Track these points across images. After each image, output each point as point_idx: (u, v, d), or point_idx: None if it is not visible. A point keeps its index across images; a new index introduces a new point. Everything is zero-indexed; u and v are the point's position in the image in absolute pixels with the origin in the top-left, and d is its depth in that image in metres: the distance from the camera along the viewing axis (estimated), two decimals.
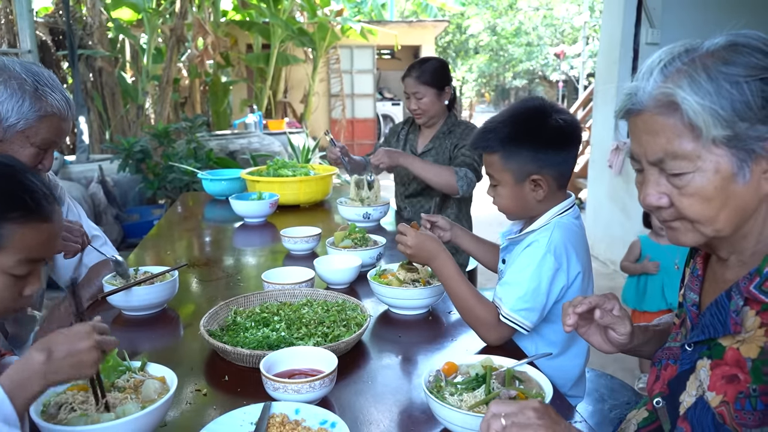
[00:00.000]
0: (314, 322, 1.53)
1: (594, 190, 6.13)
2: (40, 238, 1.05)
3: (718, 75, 0.89)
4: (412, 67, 2.88)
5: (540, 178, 1.54)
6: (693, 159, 0.92)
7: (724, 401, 0.94)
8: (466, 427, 1.07)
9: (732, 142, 0.90)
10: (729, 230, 0.96)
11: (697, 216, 0.95)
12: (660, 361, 1.14)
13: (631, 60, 5.39)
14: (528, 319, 1.47)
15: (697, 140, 0.91)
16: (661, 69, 0.94)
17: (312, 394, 1.19)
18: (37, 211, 1.03)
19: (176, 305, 1.82)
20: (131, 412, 1.04)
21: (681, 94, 0.90)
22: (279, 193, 2.98)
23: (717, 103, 0.88)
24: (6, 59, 1.60)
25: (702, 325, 1.02)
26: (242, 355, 1.36)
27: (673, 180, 0.95)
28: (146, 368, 1.21)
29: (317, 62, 11.82)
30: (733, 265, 1.03)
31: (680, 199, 0.95)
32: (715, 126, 0.89)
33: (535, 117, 1.55)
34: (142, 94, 8.59)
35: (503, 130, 1.55)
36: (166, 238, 2.73)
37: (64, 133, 1.68)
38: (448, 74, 2.89)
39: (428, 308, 1.74)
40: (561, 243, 1.52)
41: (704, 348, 1.02)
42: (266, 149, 7.29)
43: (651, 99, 0.94)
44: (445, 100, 2.88)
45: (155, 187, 5.86)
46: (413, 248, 1.61)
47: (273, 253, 2.43)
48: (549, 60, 17.80)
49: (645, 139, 0.97)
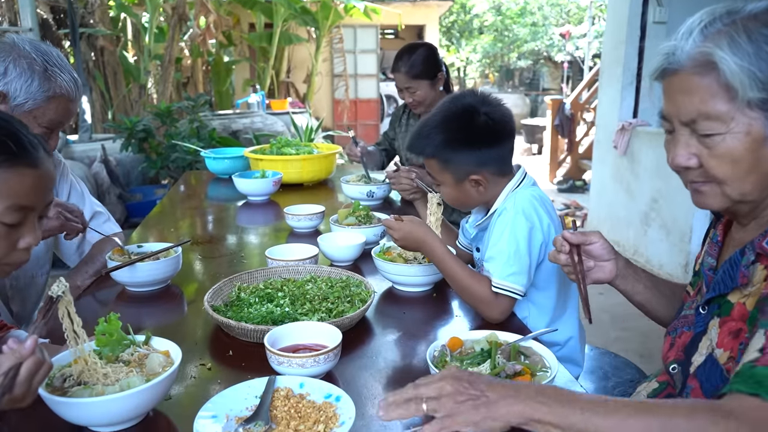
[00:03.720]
0: (318, 297, 1.52)
1: (598, 171, 6.09)
2: (27, 183, 1.02)
3: (759, 37, 0.89)
4: (400, 59, 2.75)
5: (479, 178, 1.59)
6: (726, 120, 0.92)
7: (731, 357, 0.95)
8: None
9: (766, 106, 0.90)
10: (756, 194, 0.97)
11: (725, 176, 0.96)
12: (675, 329, 1.14)
13: (638, 39, 5.33)
14: (518, 282, 1.49)
15: (731, 101, 0.91)
16: (701, 30, 0.94)
17: (316, 368, 1.19)
18: (22, 156, 1.01)
19: (180, 282, 1.82)
20: (136, 385, 1.04)
21: (719, 53, 0.91)
22: (282, 171, 2.96)
23: (755, 65, 0.89)
24: (16, 37, 1.58)
25: (714, 282, 1.03)
26: (246, 330, 1.36)
27: (704, 141, 0.96)
28: (150, 342, 1.20)
29: (320, 42, 11.71)
30: (752, 229, 1.03)
31: (709, 159, 0.96)
32: (751, 88, 0.89)
33: (465, 117, 1.58)
34: (144, 74, 8.53)
35: (436, 136, 1.59)
36: (169, 217, 2.72)
37: (72, 114, 1.67)
38: (438, 60, 2.79)
39: (433, 285, 1.73)
40: (528, 203, 1.56)
41: (715, 307, 1.02)
42: (269, 129, 7.26)
43: (689, 59, 0.94)
44: (440, 86, 2.81)
45: (158, 166, 5.85)
46: (400, 239, 1.62)
47: (276, 231, 2.43)
48: (554, 40, 17.62)
49: (679, 99, 0.97)
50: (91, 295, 1.75)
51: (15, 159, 1.00)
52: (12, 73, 1.51)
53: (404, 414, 0.88)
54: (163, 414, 1.13)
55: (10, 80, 1.51)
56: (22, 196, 1.02)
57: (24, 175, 1.02)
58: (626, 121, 5.41)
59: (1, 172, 0.99)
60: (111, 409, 1.01)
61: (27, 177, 1.02)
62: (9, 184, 1.00)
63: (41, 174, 1.05)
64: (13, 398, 0.89)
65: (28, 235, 1.06)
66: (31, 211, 1.05)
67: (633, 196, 5.39)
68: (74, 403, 1.00)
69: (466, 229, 1.87)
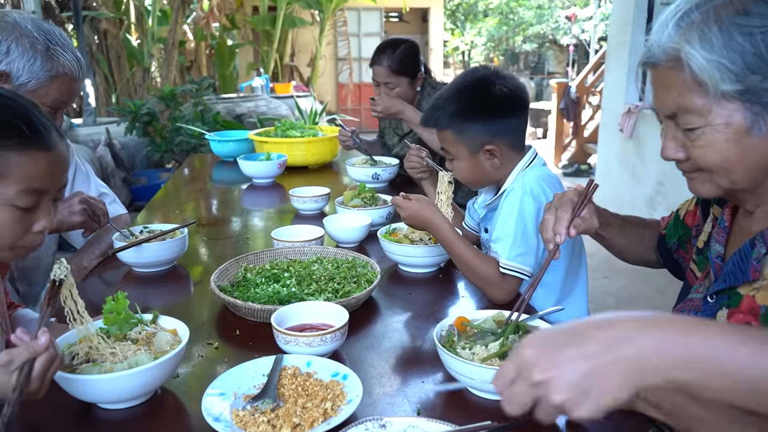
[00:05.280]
0: (325, 278, 1.52)
1: (604, 154, 6.07)
2: (41, 166, 1.02)
3: (731, 27, 0.87)
4: (382, 52, 2.67)
5: (494, 148, 1.59)
6: (704, 114, 0.91)
7: None
8: (478, 378, 1.07)
9: (744, 96, 0.88)
10: (747, 183, 0.96)
11: (711, 167, 0.95)
12: (681, 312, 1.13)
13: (645, 21, 5.28)
14: (525, 263, 1.49)
15: (705, 95, 0.90)
16: (676, 21, 0.92)
17: (323, 347, 1.19)
18: (35, 139, 1.00)
19: (186, 263, 1.82)
20: (144, 362, 1.04)
21: (686, 49, 0.89)
22: (287, 154, 2.95)
23: (726, 56, 0.87)
24: (17, 16, 1.57)
25: (723, 274, 1.02)
26: (253, 310, 1.36)
27: (687, 134, 0.95)
28: (158, 321, 1.21)
29: (324, 25, 11.64)
30: (760, 217, 1.02)
31: (693, 151, 0.96)
32: (723, 80, 0.87)
33: (480, 88, 1.58)
34: (148, 57, 8.49)
35: (450, 106, 1.59)
36: (173, 200, 2.72)
37: (75, 93, 1.66)
38: (419, 59, 2.72)
39: (439, 266, 1.73)
40: (536, 183, 1.55)
41: (725, 298, 1.01)
42: (273, 112, 7.22)
43: (663, 53, 0.94)
44: (417, 87, 2.72)
45: (162, 150, 5.84)
46: (408, 217, 1.62)
47: (281, 213, 2.42)
48: (560, 23, 17.45)
49: (660, 93, 0.97)
50: (97, 276, 1.75)
51: (28, 142, 1.00)
52: (14, 52, 1.50)
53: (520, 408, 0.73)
54: (170, 392, 1.13)
55: (12, 59, 1.50)
56: (36, 180, 1.02)
57: (38, 158, 1.01)
58: (632, 104, 5.37)
59: (15, 155, 0.98)
60: (120, 386, 1.02)
61: (41, 160, 1.02)
62: (23, 168, 0.99)
63: (55, 157, 1.04)
64: (27, 392, 0.90)
65: (43, 218, 1.06)
66: (45, 194, 1.05)
67: (639, 179, 5.37)
68: (83, 380, 1.01)
69: (473, 209, 1.86)
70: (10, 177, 0.98)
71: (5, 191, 0.99)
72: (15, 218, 1.01)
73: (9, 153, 0.98)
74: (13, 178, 0.99)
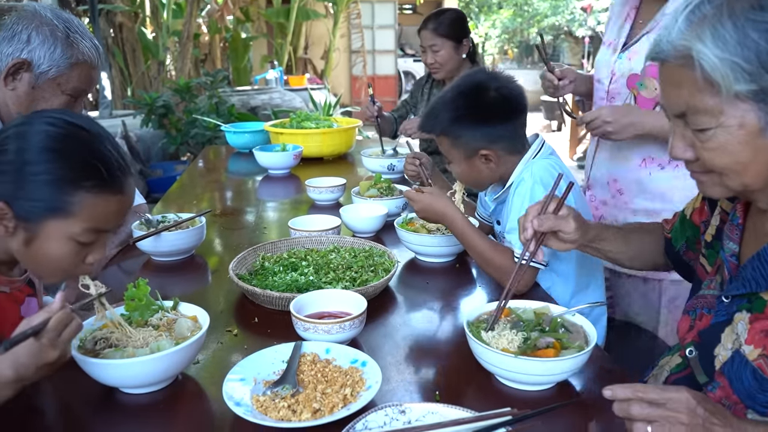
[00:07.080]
0: (342, 267, 1.53)
1: None
2: (110, 209, 1.04)
3: (746, 23, 0.82)
4: (428, 18, 2.82)
5: (489, 153, 1.58)
6: (715, 114, 0.87)
7: (763, 354, 0.92)
8: (500, 366, 1.07)
9: (759, 96, 0.84)
10: (759, 184, 0.92)
11: (722, 169, 0.91)
12: (694, 309, 1.11)
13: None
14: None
15: (717, 95, 0.85)
16: (686, 15, 0.87)
17: (342, 334, 1.20)
18: (110, 183, 1.02)
19: (203, 252, 1.83)
20: (165, 347, 1.06)
21: (698, 47, 0.84)
22: (302, 145, 2.96)
23: (740, 54, 0.82)
24: (37, 5, 1.59)
25: (742, 278, 0.98)
26: (272, 298, 1.37)
27: (697, 134, 0.91)
28: (178, 308, 1.22)
29: (338, 17, 11.61)
30: None
31: (704, 152, 0.91)
32: (737, 80, 0.83)
33: (475, 94, 1.58)
34: (163, 50, 8.53)
35: (445, 113, 1.59)
36: (189, 191, 2.74)
37: (94, 81, 1.68)
38: (466, 26, 2.83)
39: (455, 256, 1.73)
40: (545, 172, 1.55)
41: (743, 301, 0.98)
42: (287, 105, 7.24)
43: (673, 49, 0.88)
44: (463, 54, 2.83)
45: (178, 142, 5.87)
46: (420, 210, 1.63)
47: (297, 203, 2.43)
48: (575, 15, 17.27)
49: (669, 91, 0.93)
50: (117, 265, 1.77)
51: (104, 185, 1.01)
52: (35, 40, 1.51)
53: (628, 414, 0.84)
54: (191, 377, 1.15)
55: (33, 47, 1.52)
56: (101, 221, 1.04)
57: (108, 201, 1.03)
58: None
59: (89, 196, 1.00)
60: (142, 371, 1.03)
61: (111, 203, 1.04)
62: (93, 209, 1.01)
63: (123, 200, 1.06)
64: (46, 359, 0.90)
65: (97, 251, 1.08)
66: (106, 233, 1.08)
67: None
68: (106, 364, 1.02)
69: (485, 201, 1.86)
70: (79, 216, 1.00)
71: (70, 228, 1.01)
72: (72, 251, 1.04)
73: (84, 194, 1.00)
74: (82, 217, 1.01)
